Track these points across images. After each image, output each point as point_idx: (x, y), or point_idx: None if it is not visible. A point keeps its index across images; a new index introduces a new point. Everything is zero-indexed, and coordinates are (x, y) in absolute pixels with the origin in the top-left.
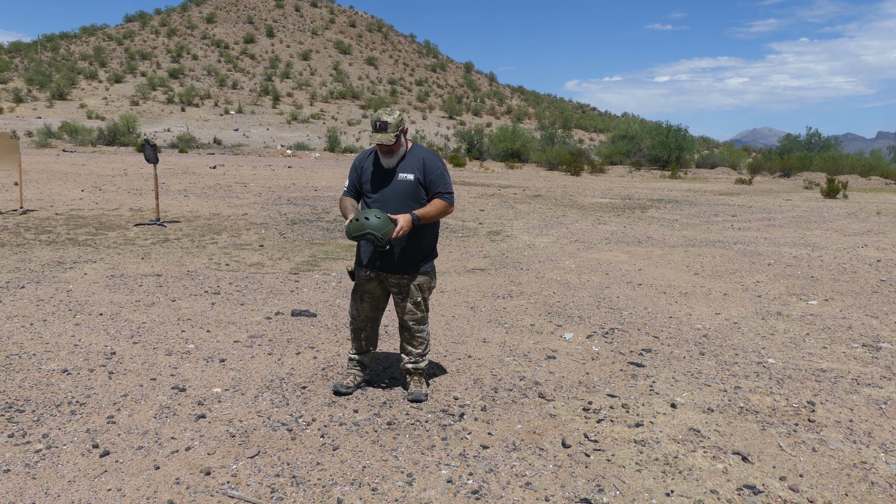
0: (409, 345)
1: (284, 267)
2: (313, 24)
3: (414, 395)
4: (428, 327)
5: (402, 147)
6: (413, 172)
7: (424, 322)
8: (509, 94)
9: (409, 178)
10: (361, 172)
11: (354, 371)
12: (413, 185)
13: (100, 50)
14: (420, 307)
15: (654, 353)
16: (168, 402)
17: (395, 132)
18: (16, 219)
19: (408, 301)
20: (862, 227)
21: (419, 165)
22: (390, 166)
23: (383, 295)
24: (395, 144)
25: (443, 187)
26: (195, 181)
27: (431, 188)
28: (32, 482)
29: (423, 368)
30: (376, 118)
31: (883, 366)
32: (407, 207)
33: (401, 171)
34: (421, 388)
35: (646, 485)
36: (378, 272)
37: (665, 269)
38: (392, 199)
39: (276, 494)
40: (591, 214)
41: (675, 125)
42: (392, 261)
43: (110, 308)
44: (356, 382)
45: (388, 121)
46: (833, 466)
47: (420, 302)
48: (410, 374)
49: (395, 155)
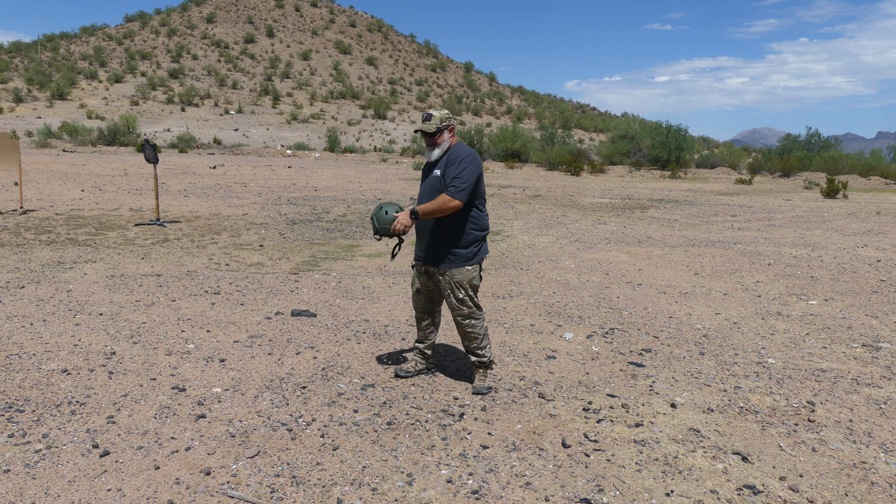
0: (464, 339)
1: (284, 267)
2: (313, 24)
3: (475, 388)
4: (482, 322)
5: (444, 142)
6: (441, 168)
7: (474, 317)
8: (509, 94)
9: (437, 173)
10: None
11: (417, 358)
12: (438, 180)
13: (100, 50)
14: (464, 303)
15: (654, 353)
16: (168, 402)
17: (437, 125)
18: (16, 219)
19: (451, 297)
20: (862, 227)
21: (446, 161)
22: (431, 160)
23: (436, 289)
24: (435, 136)
25: (451, 181)
26: (195, 181)
27: (445, 182)
28: (32, 482)
29: (485, 362)
30: (426, 111)
31: (883, 366)
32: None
33: (437, 167)
34: (483, 382)
35: (646, 485)
36: (425, 266)
37: (665, 269)
38: (424, 192)
39: (276, 494)
40: (590, 214)
41: (675, 125)
42: (425, 255)
43: (110, 308)
44: (417, 369)
45: (433, 114)
46: (833, 466)
47: (463, 298)
48: (476, 367)
49: (436, 148)
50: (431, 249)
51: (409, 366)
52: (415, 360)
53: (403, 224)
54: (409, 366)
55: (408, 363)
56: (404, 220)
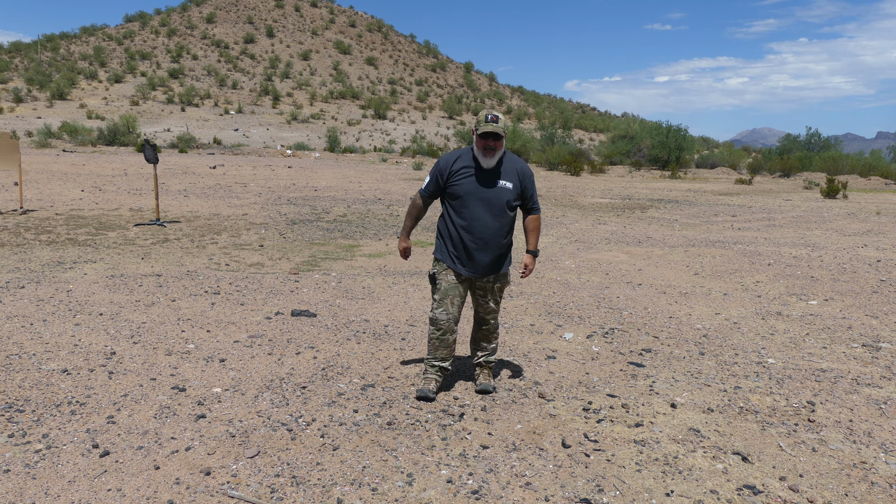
0: (485, 341)
1: (284, 267)
2: (313, 24)
3: (483, 385)
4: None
5: (502, 149)
6: (512, 181)
7: (498, 317)
8: (509, 94)
9: (509, 186)
10: (453, 173)
11: (435, 376)
12: (512, 194)
13: (100, 50)
14: (499, 304)
15: (654, 353)
16: (168, 402)
17: (505, 127)
18: (16, 219)
19: (490, 301)
20: (862, 227)
21: (516, 173)
22: (490, 167)
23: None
24: (500, 141)
25: (535, 201)
26: (195, 181)
27: (528, 197)
28: (32, 482)
29: (493, 361)
30: (487, 112)
31: (883, 366)
32: (505, 215)
33: (502, 177)
34: (490, 381)
35: (646, 485)
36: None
37: (665, 269)
38: (494, 204)
39: (276, 494)
40: (591, 214)
41: (674, 125)
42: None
43: (110, 308)
44: (438, 385)
45: (499, 115)
46: (833, 466)
47: (500, 300)
48: (482, 367)
49: (495, 155)
50: (496, 259)
51: (432, 385)
52: (434, 378)
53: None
54: (431, 385)
55: (429, 382)
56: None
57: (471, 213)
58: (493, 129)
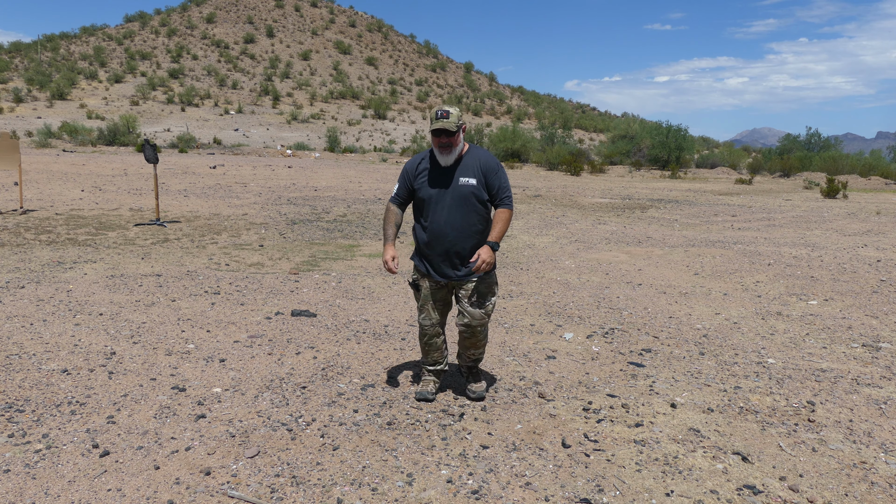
0: (472, 348)
1: (284, 267)
2: (313, 24)
3: (477, 394)
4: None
5: (460, 144)
6: (474, 176)
7: (487, 324)
8: (509, 94)
9: (471, 181)
10: (416, 176)
11: (432, 378)
12: (475, 190)
13: (100, 50)
14: (488, 310)
15: (654, 353)
16: (168, 402)
17: (456, 122)
18: (16, 219)
19: (472, 305)
20: (862, 227)
21: (477, 168)
22: (448, 164)
23: (450, 298)
24: (454, 136)
25: (503, 192)
26: (195, 181)
27: (494, 192)
28: (32, 482)
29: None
30: (438, 108)
31: (883, 366)
32: (471, 213)
33: (461, 174)
34: (481, 384)
35: (646, 485)
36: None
37: (665, 269)
38: (454, 204)
39: (276, 494)
40: (590, 214)
41: (674, 125)
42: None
43: (110, 308)
44: (437, 387)
45: (450, 110)
46: (833, 466)
47: (486, 304)
48: (469, 370)
49: (452, 151)
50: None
51: (430, 387)
52: (431, 381)
53: (491, 260)
54: (430, 387)
55: (426, 384)
56: (490, 259)
57: (435, 215)
58: (443, 125)
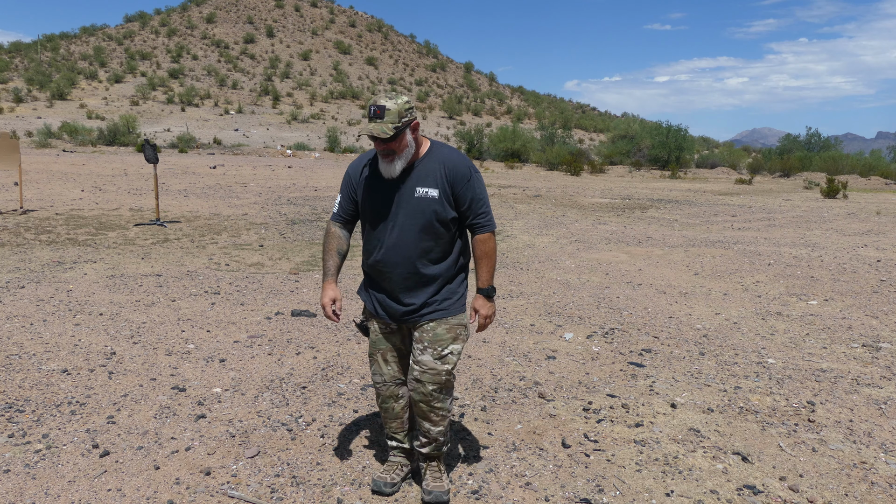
0: (425, 420)
1: (284, 267)
2: (313, 24)
3: (434, 495)
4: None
5: (408, 147)
6: (436, 186)
7: (450, 387)
8: (509, 94)
9: (432, 193)
10: (358, 185)
11: (399, 460)
12: (437, 205)
13: (100, 50)
14: (448, 362)
15: (654, 353)
16: (168, 402)
17: (395, 122)
18: (16, 219)
19: (428, 355)
20: (862, 227)
21: (441, 174)
22: (392, 175)
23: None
24: (394, 141)
25: (480, 207)
26: (195, 181)
27: (465, 207)
28: (32, 482)
29: (444, 451)
30: (373, 102)
31: (883, 366)
32: (427, 237)
33: (417, 182)
34: (443, 483)
35: (646, 485)
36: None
37: (665, 269)
38: (407, 223)
39: (276, 494)
40: (591, 214)
41: (674, 125)
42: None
43: (110, 308)
44: (403, 473)
45: (385, 105)
46: (833, 466)
47: (448, 356)
48: (427, 459)
49: (397, 159)
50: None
51: (393, 474)
52: (398, 463)
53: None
54: (392, 474)
55: (390, 468)
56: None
57: (380, 236)
58: (372, 131)
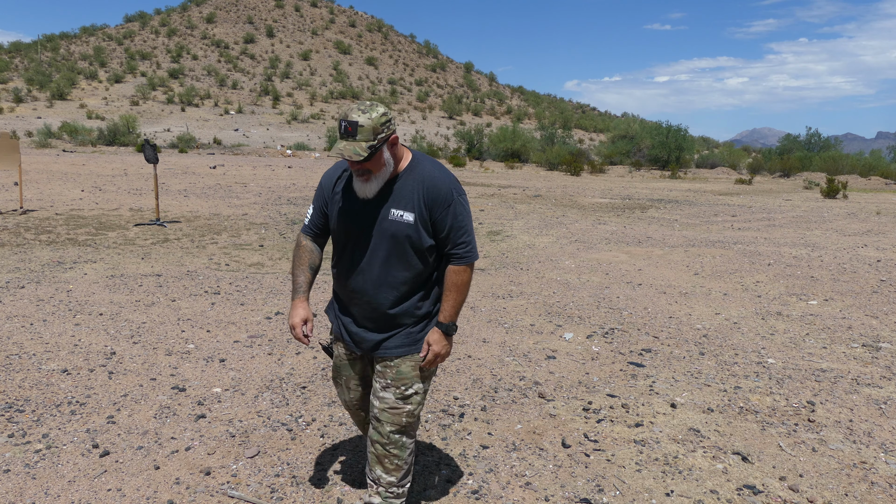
0: (377, 464)
1: (284, 267)
2: (313, 24)
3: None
4: (414, 444)
5: (385, 166)
6: (412, 210)
7: (411, 431)
8: (509, 94)
9: (406, 218)
10: (330, 199)
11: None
12: (411, 230)
13: (100, 50)
14: (411, 402)
15: (654, 353)
16: (168, 402)
17: (369, 140)
18: (16, 219)
19: (389, 392)
20: (862, 227)
21: (419, 196)
22: (367, 196)
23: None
24: (370, 161)
25: (461, 236)
26: (195, 181)
27: (444, 235)
28: (32, 482)
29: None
30: (343, 116)
31: (883, 366)
32: (399, 265)
33: (392, 204)
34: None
35: (646, 485)
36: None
37: (665, 269)
38: (377, 248)
39: (276, 494)
40: (590, 214)
41: (674, 125)
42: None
43: (110, 308)
44: None
45: (357, 120)
46: (833, 466)
47: (412, 396)
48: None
49: (373, 178)
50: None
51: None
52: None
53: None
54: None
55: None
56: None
57: (349, 258)
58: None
